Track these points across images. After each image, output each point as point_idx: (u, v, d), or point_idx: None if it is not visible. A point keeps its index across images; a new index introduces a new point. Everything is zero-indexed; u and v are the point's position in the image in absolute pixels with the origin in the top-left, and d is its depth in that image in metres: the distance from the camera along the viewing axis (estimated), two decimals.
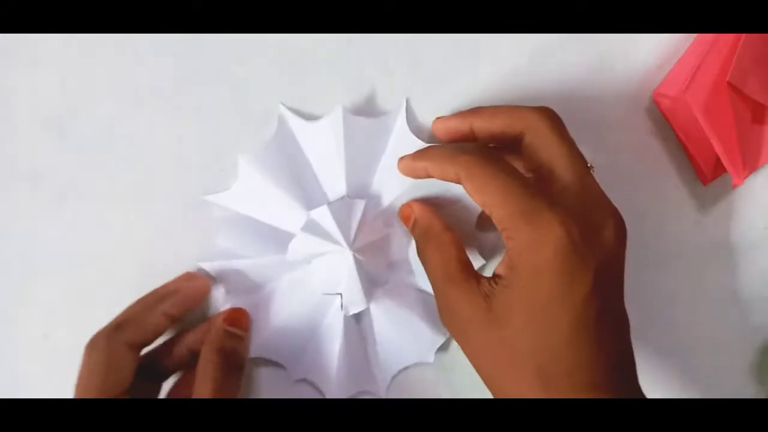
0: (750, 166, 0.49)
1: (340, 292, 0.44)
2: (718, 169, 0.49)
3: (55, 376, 0.48)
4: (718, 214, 0.52)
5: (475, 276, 0.39)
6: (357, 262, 0.44)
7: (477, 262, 0.49)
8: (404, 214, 0.45)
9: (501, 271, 0.38)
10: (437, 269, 0.40)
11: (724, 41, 0.47)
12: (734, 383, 0.53)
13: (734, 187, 0.50)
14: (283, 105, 0.46)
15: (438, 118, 0.45)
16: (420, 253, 0.43)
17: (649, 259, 0.51)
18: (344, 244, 0.43)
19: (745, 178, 0.48)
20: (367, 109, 0.47)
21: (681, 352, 0.52)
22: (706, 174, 0.50)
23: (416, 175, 0.43)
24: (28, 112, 0.45)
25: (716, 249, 0.52)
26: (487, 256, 0.49)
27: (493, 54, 0.47)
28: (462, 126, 0.43)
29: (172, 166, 0.47)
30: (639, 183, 0.50)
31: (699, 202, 0.52)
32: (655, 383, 0.52)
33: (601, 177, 0.50)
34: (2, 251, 0.47)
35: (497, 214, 0.37)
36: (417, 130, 0.47)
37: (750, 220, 0.52)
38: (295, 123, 0.46)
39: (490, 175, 0.37)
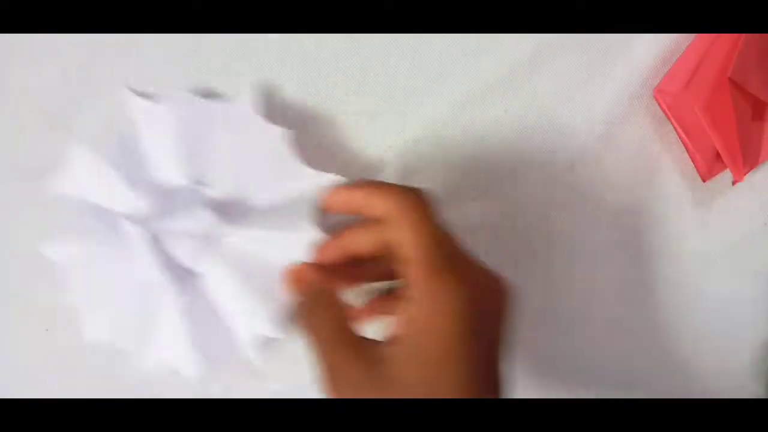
0: (750, 162, 0.49)
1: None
2: (718, 165, 0.49)
3: (55, 372, 0.49)
4: (717, 210, 0.52)
5: (364, 338, 0.37)
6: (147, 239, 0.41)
7: None
8: (293, 276, 0.42)
9: (395, 332, 0.36)
10: (328, 329, 0.38)
11: (726, 38, 0.46)
12: (734, 383, 0.53)
13: (734, 183, 0.50)
14: (127, 87, 0.45)
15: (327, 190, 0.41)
16: (308, 314, 0.39)
17: (647, 256, 0.51)
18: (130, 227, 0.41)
19: (745, 174, 0.48)
20: (367, 108, 0.47)
21: (681, 351, 0.52)
22: (706, 170, 0.49)
23: (349, 210, 0.40)
24: (33, 109, 0.45)
25: (716, 245, 0.52)
26: None
27: (493, 54, 0.47)
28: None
29: None
30: (638, 179, 0.50)
31: (698, 199, 0.51)
32: (655, 383, 0.52)
33: (600, 174, 0.50)
34: (6, 246, 0.47)
35: (417, 260, 0.35)
36: (270, 116, 0.44)
37: (750, 216, 0.52)
38: (135, 104, 0.44)
39: (426, 217, 0.36)
